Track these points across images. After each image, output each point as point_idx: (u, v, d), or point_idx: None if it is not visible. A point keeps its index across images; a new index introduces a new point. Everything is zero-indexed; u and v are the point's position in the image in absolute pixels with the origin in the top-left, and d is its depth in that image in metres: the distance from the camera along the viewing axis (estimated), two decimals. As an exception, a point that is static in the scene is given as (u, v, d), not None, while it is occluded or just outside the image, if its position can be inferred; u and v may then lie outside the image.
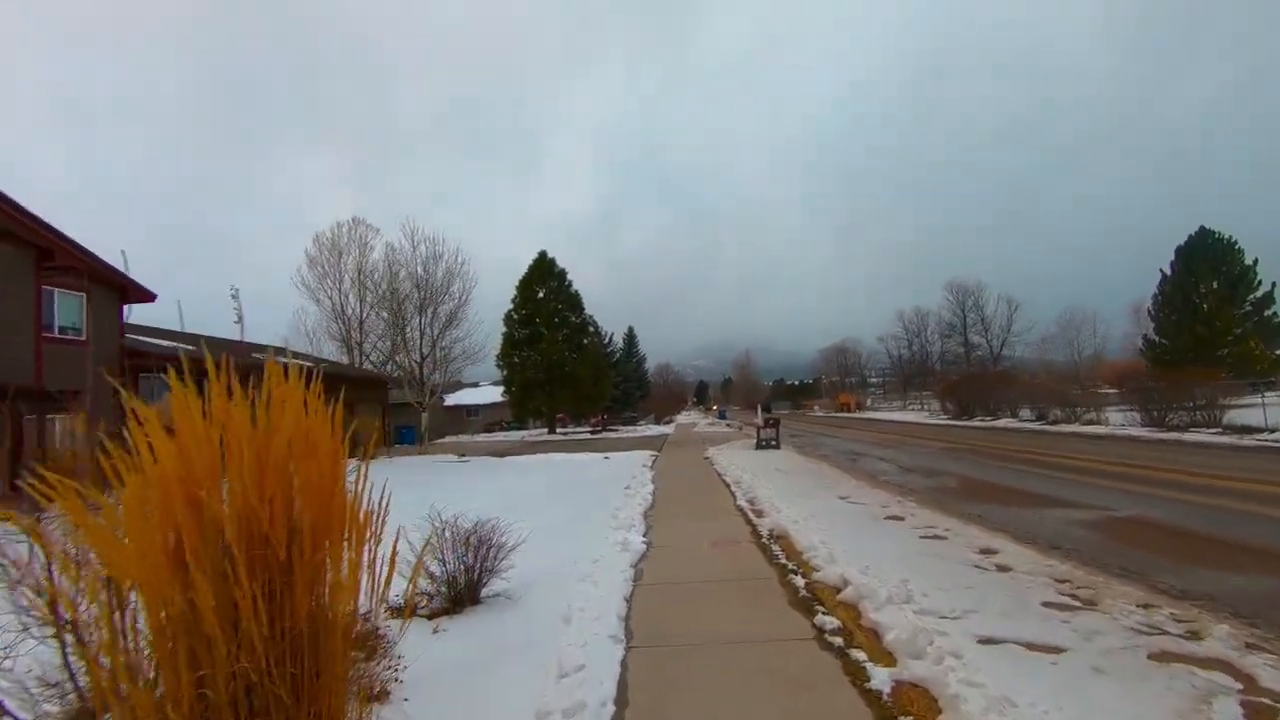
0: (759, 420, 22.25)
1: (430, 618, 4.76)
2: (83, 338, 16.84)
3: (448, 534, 5.09)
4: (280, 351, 2.40)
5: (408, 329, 31.84)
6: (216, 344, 24.23)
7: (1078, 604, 4.49)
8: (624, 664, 3.79)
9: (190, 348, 19.39)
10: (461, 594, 4.95)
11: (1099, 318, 58.85)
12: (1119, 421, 22.59)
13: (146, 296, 18.87)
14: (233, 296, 13.88)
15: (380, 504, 2.44)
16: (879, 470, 13.95)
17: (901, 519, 8.05)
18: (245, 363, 2.09)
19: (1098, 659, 3.52)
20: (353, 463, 2.43)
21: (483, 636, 4.31)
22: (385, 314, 33.31)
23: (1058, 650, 3.68)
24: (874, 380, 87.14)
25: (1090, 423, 23.99)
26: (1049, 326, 60.14)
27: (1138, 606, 4.38)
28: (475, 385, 65.58)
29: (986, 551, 6.15)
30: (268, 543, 1.84)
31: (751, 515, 8.52)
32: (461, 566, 5.01)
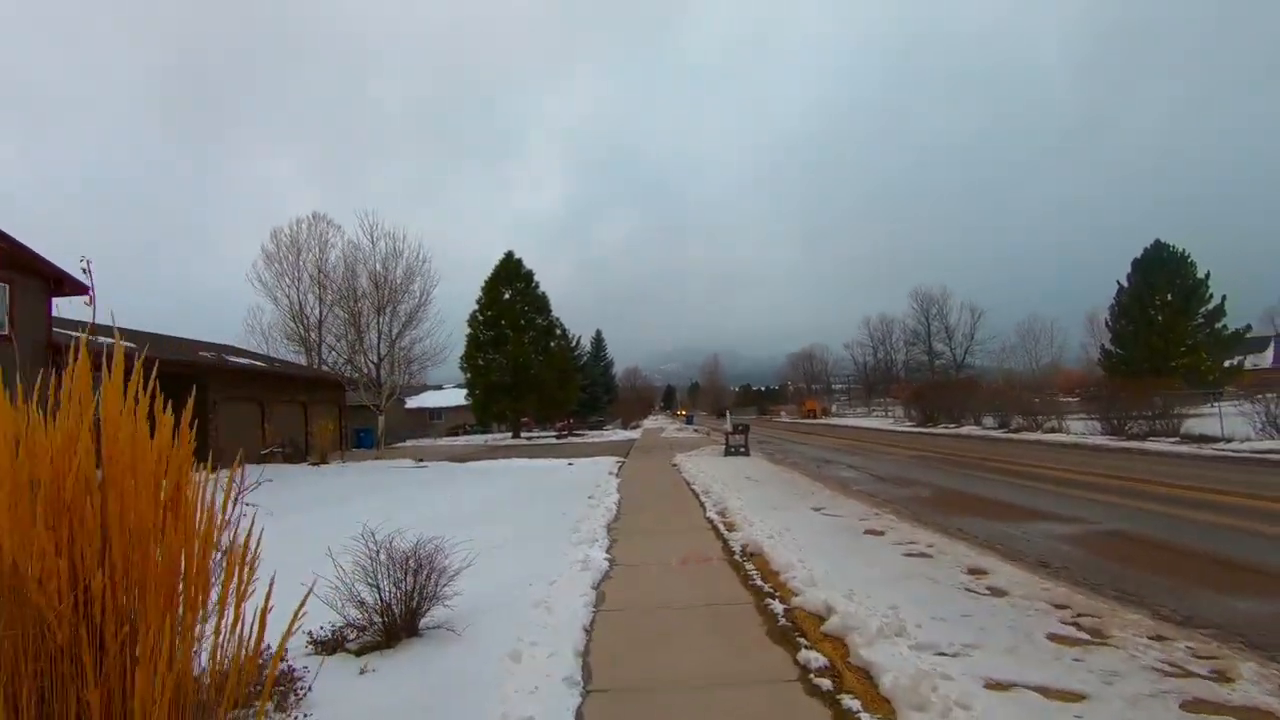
0: (728, 426, 21.87)
1: (359, 654, 4.14)
2: (4, 331, 15.62)
3: (383, 556, 4.48)
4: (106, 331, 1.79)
5: (366, 328, 30.65)
6: (166, 342, 22.76)
7: (1086, 636, 4.06)
8: (579, 716, 3.23)
9: (130, 345, 18.12)
10: (397, 626, 4.33)
11: (1056, 326, 60.29)
12: (1080, 430, 22.79)
13: (81, 289, 17.64)
14: (84, 270, 12.51)
15: (250, 540, 1.84)
16: (851, 479, 13.62)
17: (881, 533, 7.63)
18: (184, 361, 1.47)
19: (1126, 710, 3.05)
20: (270, 470, 1.83)
21: (417, 678, 3.71)
22: (343, 312, 32.03)
23: (1078, 697, 3.21)
24: (839, 387, 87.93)
25: (1052, 431, 24.17)
26: (1010, 335, 61.33)
27: (1150, 639, 3.96)
28: (438, 388, 64.12)
29: (976, 572, 5.73)
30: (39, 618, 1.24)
31: (723, 529, 8.02)
32: (398, 593, 4.39)
